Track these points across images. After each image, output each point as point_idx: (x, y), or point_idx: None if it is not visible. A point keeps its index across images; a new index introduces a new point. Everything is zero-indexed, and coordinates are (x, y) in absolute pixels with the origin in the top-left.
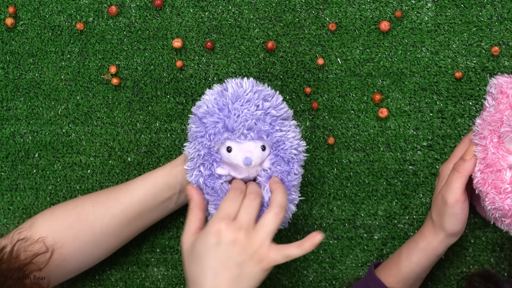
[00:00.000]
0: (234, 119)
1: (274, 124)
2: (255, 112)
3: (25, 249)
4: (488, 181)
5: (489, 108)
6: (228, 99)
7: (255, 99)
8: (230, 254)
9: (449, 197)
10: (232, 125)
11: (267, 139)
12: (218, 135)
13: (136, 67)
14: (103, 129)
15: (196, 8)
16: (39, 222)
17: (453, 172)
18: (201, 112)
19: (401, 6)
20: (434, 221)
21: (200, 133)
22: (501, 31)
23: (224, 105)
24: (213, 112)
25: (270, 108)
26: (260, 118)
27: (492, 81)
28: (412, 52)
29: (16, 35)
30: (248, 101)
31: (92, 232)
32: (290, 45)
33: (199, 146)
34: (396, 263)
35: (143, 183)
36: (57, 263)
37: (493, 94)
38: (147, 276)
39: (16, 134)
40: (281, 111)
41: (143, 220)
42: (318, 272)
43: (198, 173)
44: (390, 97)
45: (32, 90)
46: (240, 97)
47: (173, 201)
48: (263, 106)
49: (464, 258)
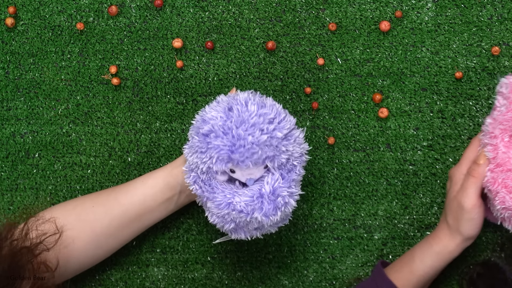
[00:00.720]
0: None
1: (279, 146)
2: (260, 137)
3: (36, 228)
4: (498, 180)
5: (499, 108)
6: (232, 123)
7: (260, 123)
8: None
9: (466, 202)
10: (237, 159)
11: (271, 163)
12: (222, 162)
13: (136, 67)
14: (103, 129)
15: (196, 8)
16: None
17: (467, 177)
18: (205, 130)
19: (401, 6)
20: (450, 226)
21: (202, 149)
22: (501, 31)
23: (229, 129)
24: (218, 135)
25: (275, 130)
26: (265, 143)
27: (503, 80)
28: (412, 52)
29: (16, 35)
30: (253, 125)
31: (92, 232)
32: (290, 45)
33: (198, 160)
34: (408, 265)
35: (143, 183)
36: (65, 245)
37: (504, 94)
38: (147, 276)
39: (16, 134)
40: (285, 130)
41: (144, 221)
42: (318, 272)
43: (195, 174)
44: (390, 97)
45: (32, 90)
46: (245, 122)
47: (174, 201)
48: (267, 130)
49: (464, 258)
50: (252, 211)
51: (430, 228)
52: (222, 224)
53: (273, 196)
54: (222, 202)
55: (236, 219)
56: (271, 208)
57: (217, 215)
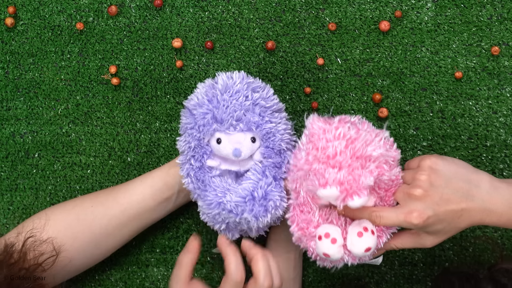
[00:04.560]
0: (223, 110)
1: (264, 115)
2: (244, 102)
3: (33, 249)
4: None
5: (301, 153)
6: (217, 90)
7: (244, 89)
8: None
9: None
10: (221, 116)
11: (256, 130)
12: (207, 126)
13: (136, 67)
14: (103, 129)
15: (196, 8)
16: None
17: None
18: (192, 104)
19: (401, 6)
20: None
21: (190, 125)
22: (501, 31)
23: (213, 96)
24: (203, 104)
25: (259, 99)
26: (249, 108)
27: (306, 122)
28: (412, 52)
29: (16, 35)
30: (237, 92)
31: (91, 232)
32: (290, 45)
33: (189, 138)
34: None
35: (141, 183)
36: (62, 265)
37: (307, 137)
38: (147, 276)
39: (16, 134)
40: (271, 102)
41: (142, 220)
42: (318, 272)
43: (189, 166)
44: (390, 97)
45: (32, 90)
46: (229, 88)
47: (172, 201)
48: (252, 97)
49: (464, 258)
50: (242, 212)
51: None
52: (213, 223)
53: (265, 200)
54: (212, 202)
55: (226, 219)
56: (261, 210)
57: (207, 214)
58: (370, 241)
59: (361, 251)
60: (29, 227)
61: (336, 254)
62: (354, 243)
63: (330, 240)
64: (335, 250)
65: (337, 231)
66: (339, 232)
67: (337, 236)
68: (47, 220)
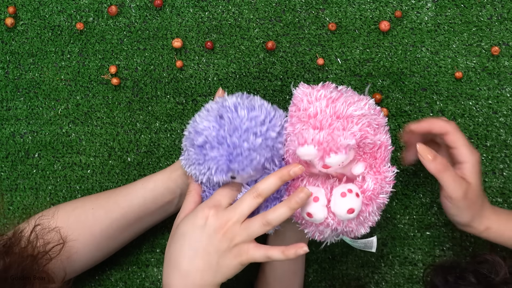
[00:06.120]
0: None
1: (275, 145)
2: (255, 141)
3: (42, 236)
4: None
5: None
6: (226, 131)
7: (253, 127)
8: (213, 240)
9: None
10: (238, 169)
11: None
12: (222, 173)
13: (136, 67)
14: (103, 129)
15: (196, 8)
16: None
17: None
18: (200, 142)
19: (401, 6)
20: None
21: (199, 161)
22: (501, 31)
23: (223, 138)
24: (213, 146)
25: (268, 131)
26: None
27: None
28: (412, 52)
29: (16, 35)
30: (246, 131)
31: (91, 235)
32: (290, 45)
33: (196, 172)
34: None
35: (143, 187)
36: (67, 255)
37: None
38: (147, 276)
39: (16, 134)
40: (277, 127)
41: (143, 223)
42: (318, 272)
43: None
44: (390, 97)
45: (32, 90)
46: (238, 128)
47: (174, 204)
48: (261, 132)
49: (464, 258)
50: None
51: (430, 228)
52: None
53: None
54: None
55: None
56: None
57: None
58: (354, 203)
59: (344, 212)
60: (37, 216)
61: (319, 213)
62: (337, 203)
63: (312, 198)
64: (318, 209)
65: (320, 191)
66: (322, 193)
67: (320, 195)
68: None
